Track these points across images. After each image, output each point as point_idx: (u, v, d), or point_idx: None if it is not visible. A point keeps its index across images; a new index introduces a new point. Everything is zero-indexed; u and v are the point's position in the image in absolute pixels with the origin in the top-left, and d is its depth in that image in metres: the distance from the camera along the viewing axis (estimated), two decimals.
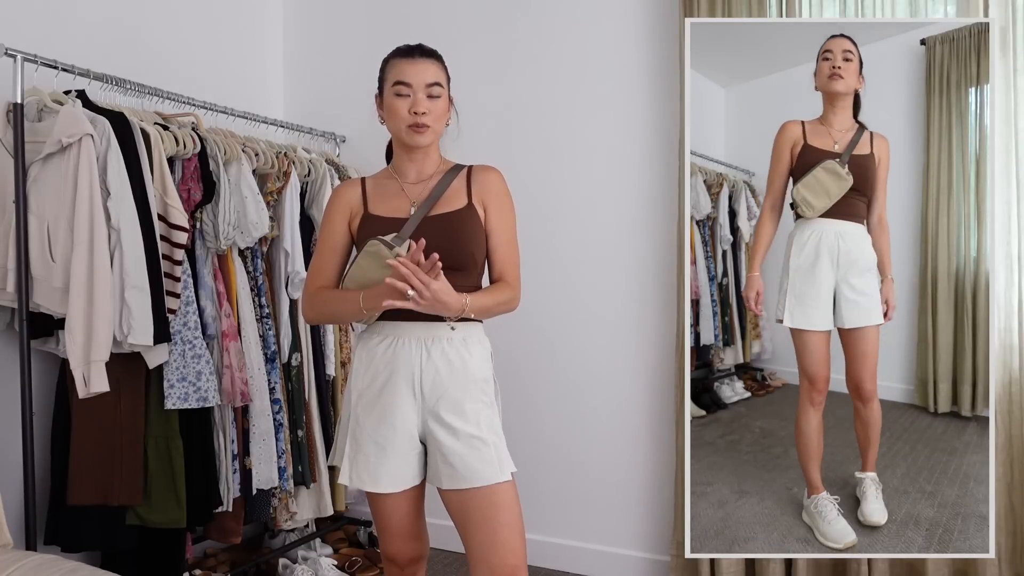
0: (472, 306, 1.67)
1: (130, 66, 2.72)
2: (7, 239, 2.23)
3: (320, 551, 2.98)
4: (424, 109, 1.73)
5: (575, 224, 3.03)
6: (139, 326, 2.22)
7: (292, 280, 2.84)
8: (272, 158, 2.80)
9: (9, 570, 1.57)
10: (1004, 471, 2.43)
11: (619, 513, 2.97)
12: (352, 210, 1.82)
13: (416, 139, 1.76)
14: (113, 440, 2.32)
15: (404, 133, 1.76)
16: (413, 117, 1.73)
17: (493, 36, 3.16)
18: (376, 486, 1.75)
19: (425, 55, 1.78)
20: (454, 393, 1.73)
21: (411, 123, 1.74)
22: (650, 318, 2.91)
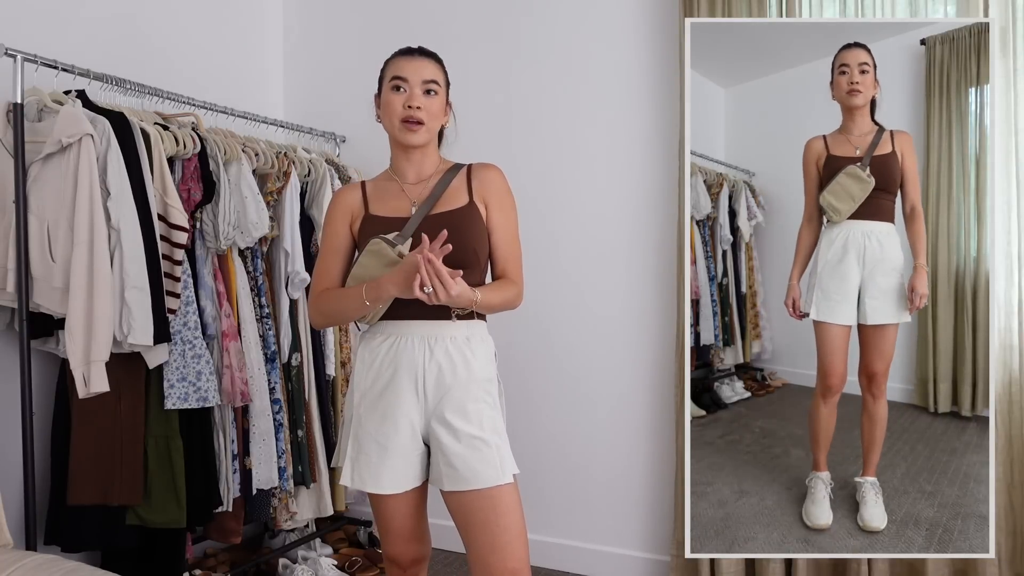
0: (482, 302, 1.68)
1: (130, 66, 2.72)
2: (7, 239, 2.23)
3: (320, 551, 2.98)
4: (419, 104, 1.72)
5: (575, 224, 3.03)
6: (139, 326, 2.22)
7: (292, 280, 2.84)
8: (272, 158, 2.80)
9: (9, 570, 1.57)
10: (1004, 471, 2.43)
11: (619, 513, 2.97)
12: (353, 212, 1.82)
13: (408, 136, 1.75)
14: (113, 440, 2.32)
15: (397, 129, 1.75)
16: (407, 111, 1.73)
17: (493, 36, 3.16)
18: (378, 487, 1.74)
19: (424, 55, 1.78)
20: (457, 393, 1.72)
21: (404, 116, 1.73)
22: (650, 318, 2.91)
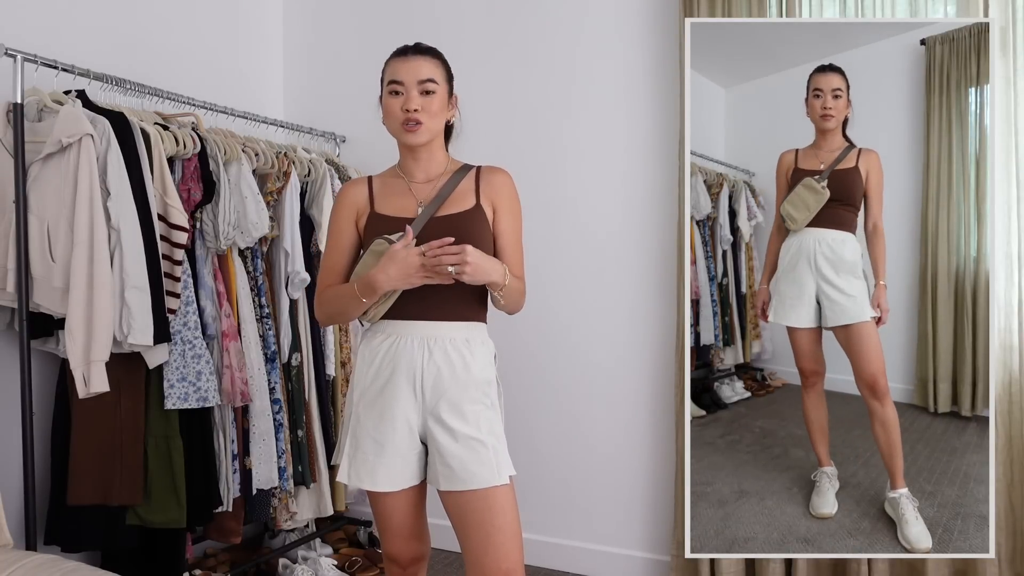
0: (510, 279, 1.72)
1: (130, 66, 2.72)
2: (7, 239, 2.23)
3: (320, 551, 2.98)
4: (415, 106, 1.72)
5: (575, 224, 3.03)
6: (139, 326, 2.22)
7: (292, 280, 2.84)
8: (272, 158, 2.80)
9: (9, 570, 1.57)
10: (1004, 471, 2.43)
11: (619, 513, 2.97)
12: (359, 210, 1.82)
13: (409, 137, 1.75)
14: (113, 440, 2.32)
15: (399, 132, 1.76)
16: (404, 114, 1.73)
17: (494, 36, 3.16)
18: (374, 484, 1.75)
19: (420, 53, 1.77)
20: (455, 394, 1.73)
21: (403, 120, 1.74)
22: (650, 318, 2.91)
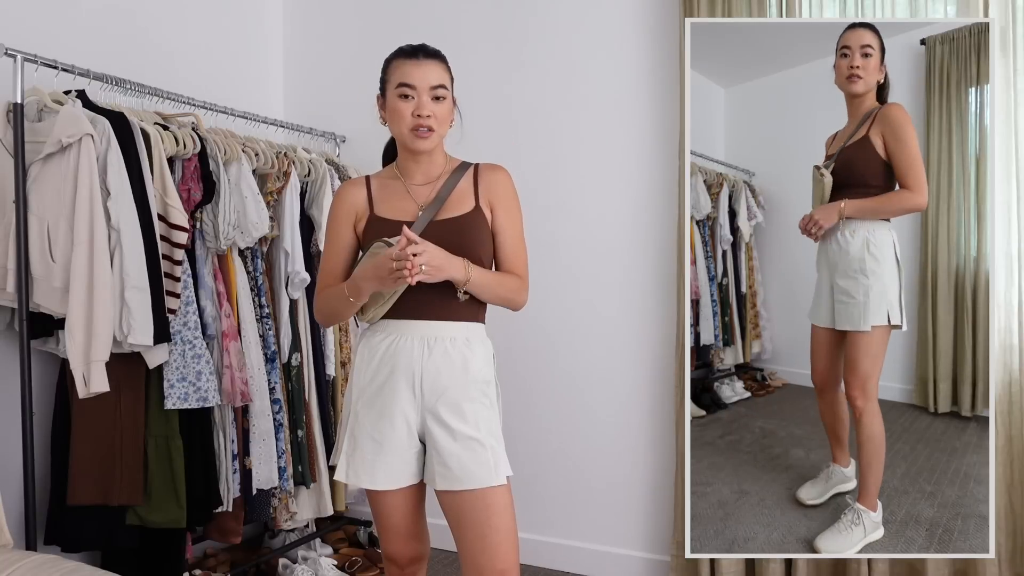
0: (475, 276, 1.69)
1: (130, 66, 2.72)
2: (7, 239, 2.23)
3: (320, 551, 2.98)
4: (429, 112, 1.71)
5: (575, 224, 3.03)
6: (139, 326, 2.22)
7: (292, 280, 2.84)
8: (272, 158, 2.80)
9: (9, 570, 1.57)
10: (1004, 471, 2.43)
11: (619, 513, 2.97)
12: (357, 212, 1.81)
13: (419, 144, 1.74)
14: (113, 440, 2.32)
15: (407, 137, 1.74)
16: (416, 120, 1.71)
17: (494, 36, 3.16)
18: (372, 483, 1.75)
19: (429, 56, 1.75)
20: (454, 393, 1.73)
21: (414, 126, 1.72)
22: (650, 318, 2.91)
